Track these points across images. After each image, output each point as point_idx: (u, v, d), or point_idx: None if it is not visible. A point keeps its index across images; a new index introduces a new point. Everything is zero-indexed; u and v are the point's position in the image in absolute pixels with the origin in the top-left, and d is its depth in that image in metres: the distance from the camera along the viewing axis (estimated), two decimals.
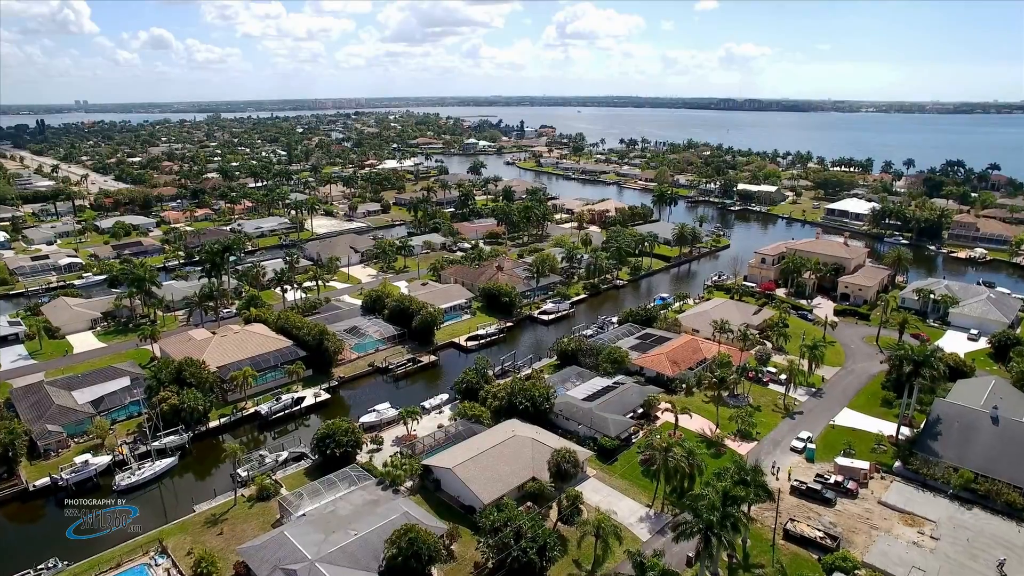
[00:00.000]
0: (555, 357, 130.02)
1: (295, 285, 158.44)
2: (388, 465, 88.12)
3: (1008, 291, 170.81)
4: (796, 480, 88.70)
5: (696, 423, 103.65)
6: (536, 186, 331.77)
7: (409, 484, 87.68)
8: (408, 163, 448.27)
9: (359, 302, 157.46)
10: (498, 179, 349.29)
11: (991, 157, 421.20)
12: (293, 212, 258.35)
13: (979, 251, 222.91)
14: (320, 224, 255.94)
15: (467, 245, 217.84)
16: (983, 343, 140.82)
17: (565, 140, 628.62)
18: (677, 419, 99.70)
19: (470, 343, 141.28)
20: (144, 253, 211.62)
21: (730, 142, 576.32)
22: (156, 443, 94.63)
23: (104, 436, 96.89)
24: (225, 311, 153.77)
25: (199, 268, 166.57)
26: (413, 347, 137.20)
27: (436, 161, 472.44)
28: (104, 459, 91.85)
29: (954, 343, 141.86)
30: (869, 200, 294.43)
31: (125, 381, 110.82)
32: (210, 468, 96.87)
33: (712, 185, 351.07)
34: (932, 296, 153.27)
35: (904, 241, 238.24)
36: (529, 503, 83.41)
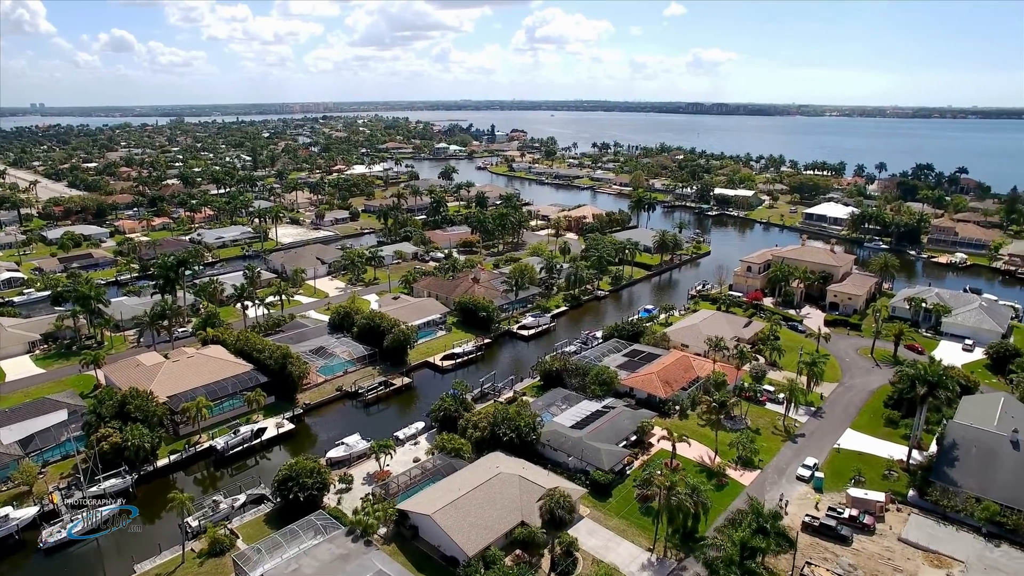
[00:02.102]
0: (538, 378, 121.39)
1: (257, 301, 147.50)
2: (359, 512, 78.35)
3: (995, 297, 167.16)
4: (808, 516, 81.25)
5: (694, 450, 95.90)
6: (510, 192, 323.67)
7: (383, 531, 78.14)
8: (377, 168, 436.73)
9: (326, 318, 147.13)
10: (470, 184, 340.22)
11: (957, 161, 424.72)
12: (257, 220, 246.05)
13: (959, 256, 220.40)
14: (285, 233, 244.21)
15: (440, 255, 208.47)
16: (979, 353, 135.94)
17: (537, 144, 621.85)
18: (675, 447, 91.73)
19: (446, 363, 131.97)
20: (95, 266, 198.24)
21: (701, 145, 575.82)
22: (94, 489, 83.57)
23: (32, 482, 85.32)
24: (180, 330, 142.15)
25: (154, 283, 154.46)
26: (385, 368, 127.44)
27: (406, 166, 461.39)
28: (29, 511, 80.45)
29: (949, 354, 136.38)
30: (846, 204, 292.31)
31: (62, 415, 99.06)
32: (158, 514, 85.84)
33: (688, 189, 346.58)
34: (924, 305, 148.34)
35: (884, 246, 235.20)
36: (518, 551, 74.63)
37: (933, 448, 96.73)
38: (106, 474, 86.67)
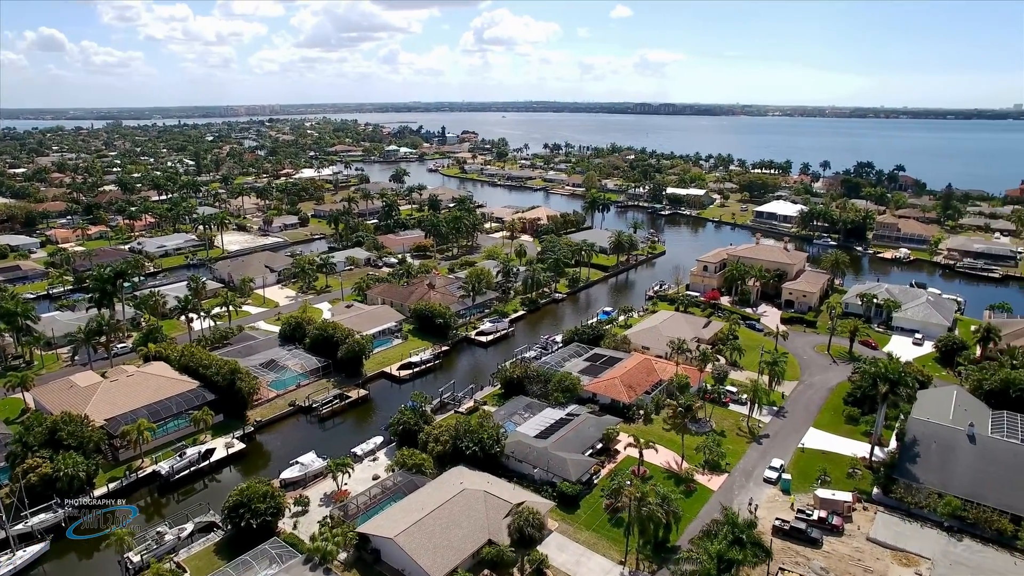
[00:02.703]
0: (499, 386, 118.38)
1: (202, 313, 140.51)
2: (317, 538, 73.94)
3: (939, 291, 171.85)
4: (779, 519, 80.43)
5: (660, 456, 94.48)
6: (463, 194, 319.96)
7: (343, 557, 73.99)
8: (327, 172, 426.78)
9: (277, 329, 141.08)
10: (422, 187, 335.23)
11: (893, 159, 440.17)
12: (201, 228, 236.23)
13: (903, 251, 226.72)
14: (232, 240, 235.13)
15: (394, 260, 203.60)
16: (928, 347, 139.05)
17: (488, 146, 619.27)
18: (642, 454, 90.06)
19: (403, 372, 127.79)
20: (23, 279, 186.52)
21: (651, 145, 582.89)
22: (20, 527, 76.88)
23: None
24: (120, 346, 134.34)
25: (89, 296, 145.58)
26: (339, 380, 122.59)
27: (356, 169, 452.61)
28: None
29: (900, 348, 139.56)
30: (794, 202, 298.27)
31: None
32: (95, 549, 79.53)
33: (641, 189, 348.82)
34: (875, 301, 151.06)
35: (832, 242, 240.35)
36: (486, 571, 71.57)
37: (893, 444, 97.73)
38: (34, 509, 79.91)
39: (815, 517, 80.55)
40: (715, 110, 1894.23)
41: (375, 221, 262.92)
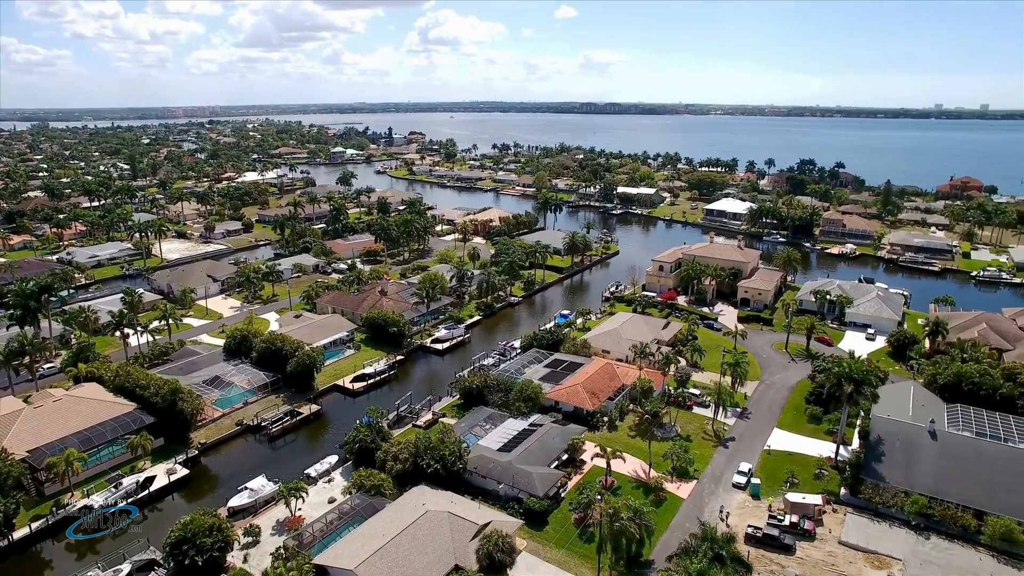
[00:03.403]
0: (458, 396, 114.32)
1: (139, 328, 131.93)
2: (270, 573, 68.44)
3: (885, 285, 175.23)
4: (751, 527, 78.86)
5: (627, 464, 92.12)
6: (412, 196, 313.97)
7: None
8: (271, 175, 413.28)
9: (221, 343, 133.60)
10: (371, 190, 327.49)
11: (833, 156, 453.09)
12: (138, 236, 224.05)
13: (849, 247, 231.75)
14: (171, 248, 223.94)
15: (343, 266, 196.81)
16: (881, 342, 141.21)
17: (436, 147, 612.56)
18: (609, 465, 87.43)
19: (357, 385, 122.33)
20: None
21: (599, 144, 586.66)
22: None
23: None
24: (47, 367, 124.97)
25: (10, 312, 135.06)
26: (290, 395, 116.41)
27: (301, 172, 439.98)
28: None
29: (854, 343, 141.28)
30: (743, 200, 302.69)
31: None
32: None
33: (592, 189, 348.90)
34: (828, 297, 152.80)
35: (781, 239, 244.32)
36: None
37: (856, 442, 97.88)
38: None
39: (787, 522, 79.32)
40: (659, 109, 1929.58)
41: (323, 226, 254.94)
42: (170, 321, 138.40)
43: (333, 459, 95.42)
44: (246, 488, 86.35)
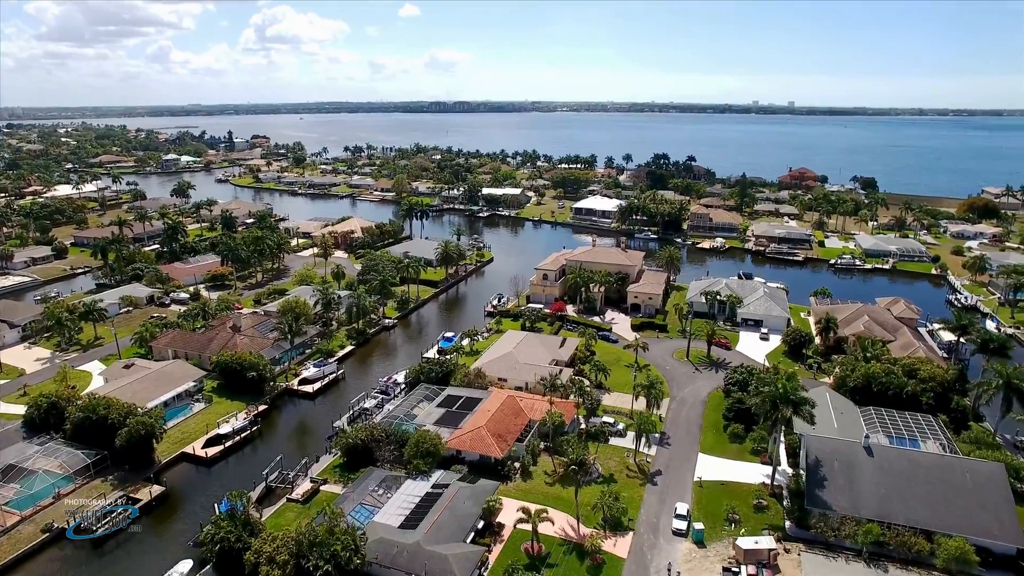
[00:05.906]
0: (339, 453, 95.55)
1: None
2: None
3: (763, 280, 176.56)
4: None
5: (554, 523, 78.85)
6: (261, 208, 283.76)
7: None
8: (90, 188, 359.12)
9: (21, 411, 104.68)
10: (212, 202, 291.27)
11: (682, 149, 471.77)
12: None
13: (719, 240, 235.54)
14: None
15: (184, 295, 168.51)
16: (776, 341, 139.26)
17: (283, 151, 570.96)
18: (536, 530, 73.77)
19: (211, 450, 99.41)
20: None
21: (454, 144, 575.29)
22: None
23: None
24: None
25: None
26: (121, 476, 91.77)
27: (128, 184, 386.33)
28: None
29: (749, 344, 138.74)
30: (608, 196, 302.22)
31: None
32: None
33: (455, 191, 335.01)
34: (719, 297, 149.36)
35: (653, 236, 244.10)
36: None
37: (784, 460, 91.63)
38: None
39: (744, 574, 69.74)
40: (508, 107, 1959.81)
41: (157, 247, 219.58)
42: None
43: (187, 566, 73.73)
44: None
